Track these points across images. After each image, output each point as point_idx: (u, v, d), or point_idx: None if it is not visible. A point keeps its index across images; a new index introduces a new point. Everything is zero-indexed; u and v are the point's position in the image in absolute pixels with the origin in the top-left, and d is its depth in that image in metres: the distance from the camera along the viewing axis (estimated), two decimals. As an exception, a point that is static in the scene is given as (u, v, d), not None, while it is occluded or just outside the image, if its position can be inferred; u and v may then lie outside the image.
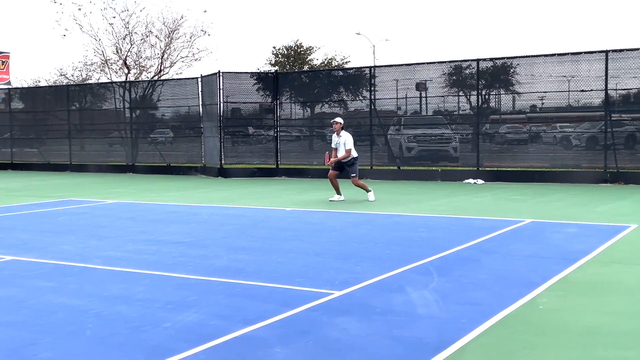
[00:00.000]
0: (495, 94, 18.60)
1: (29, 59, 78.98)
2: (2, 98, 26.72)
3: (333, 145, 12.84)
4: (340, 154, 12.63)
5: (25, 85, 36.73)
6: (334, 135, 12.83)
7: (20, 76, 61.71)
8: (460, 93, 18.71)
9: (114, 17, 29.04)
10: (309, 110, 21.05)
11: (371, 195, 12.77)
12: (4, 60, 32.03)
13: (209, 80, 20.61)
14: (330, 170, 12.81)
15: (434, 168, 18.20)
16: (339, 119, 12.90)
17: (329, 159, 12.89)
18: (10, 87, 30.37)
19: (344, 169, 12.77)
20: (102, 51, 29.90)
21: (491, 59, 17.78)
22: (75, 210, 12.02)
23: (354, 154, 12.73)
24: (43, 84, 36.47)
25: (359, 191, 13.40)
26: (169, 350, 4.28)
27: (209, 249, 7.90)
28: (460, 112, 19.00)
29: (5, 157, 25.76)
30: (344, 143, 12.57)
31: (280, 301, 5.45)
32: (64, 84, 31.99)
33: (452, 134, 18.79)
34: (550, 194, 13.96)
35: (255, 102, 21.12)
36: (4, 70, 31.84)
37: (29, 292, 5.88)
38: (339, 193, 12.80)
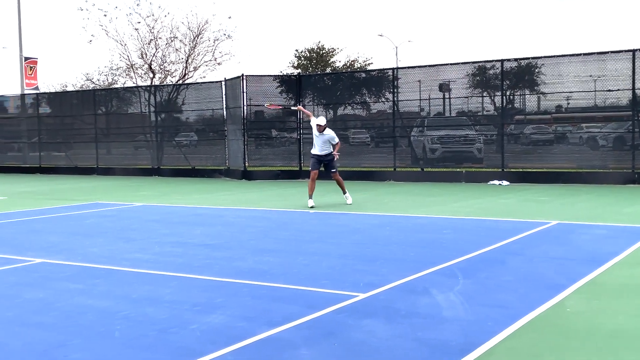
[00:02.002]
0: (520, 95, 18.45)
1: (57, 65, 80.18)
2: (30, 103, 27.15)
3: (317, 144, 12.68)
4: (323, 151, 12.64)
5: (53, 90, 37.29)
6: (317, 132, 12.63)
7: (48, 81, 62.69)
8: (485, 94, 18.59)
9: (139, 22, 29.32)
10: (331, 112, 21.07)
11: (349, 198, 12.74)
12: (32, 65, 32.53)
13: (233, 84, 20.74)
14: (314, 171, 12.65)
15: (458, 169, 18.10)
16: (322, 121, 12.67)
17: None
18: (38, 92, 30.85)
19: (321, 163, 12.72)
20: (128, 56, 30.24)
21: (516, 59, 17.63)
22: (103, 213, 12.18)
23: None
24: (70, 88, 37.03)
25: (383, 194, 13.37)
26: (195, 352, 4.32)
27: (234, 251, 7.95)
28: (485, 112, 18.88)
29: (33, 161, 26.16)
30: (330, 139, 12.60)
31: (305, 303, 5.47)
32: (91, 88, 32.41)
33: (476, 135, 18.67)
34: (577, 195, 13.81)
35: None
36: (32, 75, 32.33)
37: (59, 294, 5.98)
38: (311, 197, 12.53)
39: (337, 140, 12.80)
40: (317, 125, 12.70)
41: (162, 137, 23.28)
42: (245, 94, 20.04)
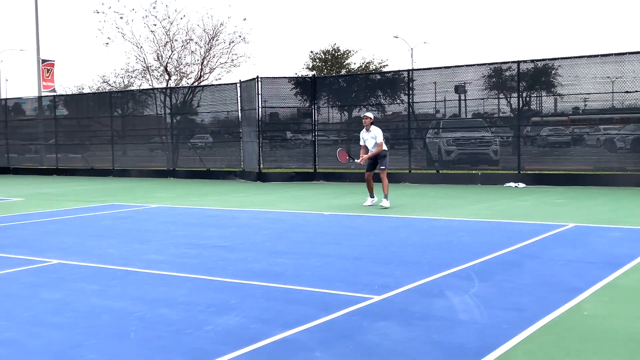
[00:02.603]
0: (537, 96, 18.32)
1: (73, 67, 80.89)
2: (47, 105, 27.39)
3: (362, 143, 12.50)
4: (371, 149, 12.40)
5: (70, 93, 37.60)
6: (363, 131, 12.47)
7: (65, 83, 63.27)
8: (501, 95, 18.48)
9: (155, 25, 29.51)
10: (346, 114, 21.06)
11: (385, 202, 12.19)
12: (49, 68, 32.81)
13: (248, 86, 20.78)
14: (367, 172, 12.57)
15: (473, 171, 18.01)
16: (369, 114, 12.62)
17: (361, 156, 12.52)
18: (55, 94, 31.10)
19: (376, 165, 12.47)
20: (144, 58, 30.42)
21: (532, 61, 17.52)
22: (119, 215, 12.24)
23: (385, 147, 12.48)
24: (86, 90, 37.30)
25: (398, 196, 13.30)
26: (210, 353, 4.33)
27: (248, 252, 7.96)
28: (501, 114, 18.77)
29: (50, 163, 26.38)
30: (374, 137, 12.30)
31: (319, 305, 5.46)
32: (107, 90, 32.64)
33: (492, 136, 18.56)
34: (594, 197, 13.68)
35: (293, 107, 21.22)
36: (49, 78, 32.61)
37: (74, 294, 6.01)
38: (372, 196, 12.66)
39: (380, 140, 12.26)
40: (364, 117, 12.43)
41: (177, 139, 23.39)
42: (260, 95, 20.07)
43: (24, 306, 5.63)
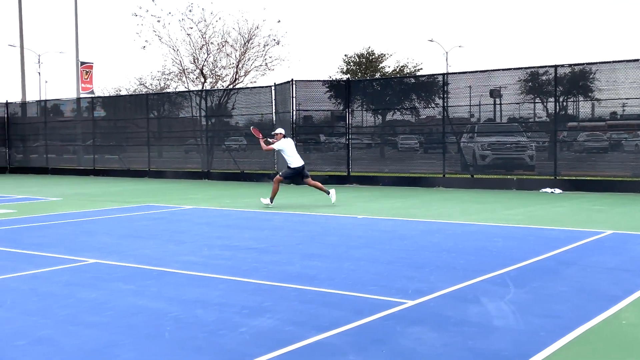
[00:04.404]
0: (574, 101, 18.04)
1: (111, 69, 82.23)
2: (85, 106, 27.88)
3: (273, 147, 13.85)
4: (290, 160, 13.54)
5: (107, 94, 38.23)
6: (288, 146, 13.64)
7: (103, 85, 64.29)
8: (537, 100, 18.24)
9: (191, 28, 29.78)
10: (380, 117, 21.00)
11: (333, 195, 13.53)
12: (87, 70, 33.41)
13: (282, 89, 20.87)
14: (279, 175, 13.81)
15: (509, 176, 17.80)
16: (281, 130, 14.01)
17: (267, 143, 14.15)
18: (93, 95, 31.65)
19: (301, 175, 13.70)
20: (180, 61, 30.74)
21: (570, 65, 17.26)
22: (154, 216, 12.40)
23: (298, 163, 13.56)
24: (124, 92, 37.87)
25: (432, 201, 13.22)
26: (244, 355, 4.35)
27: (282, 255, 7.99)
28: (536, 119, 18.52)
29: (87, 164, 26.83)
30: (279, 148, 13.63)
31: (353, 309, 5.45)
32: (143, 92, 33.09)
33: (527, 141, 18.33)
34: (633, 204, 13.40)
35: (327, 110, 21.24)
36: (88, 79, 33.21)
37: (111, 294, 6.10)
38: (271, 200, 13.53)
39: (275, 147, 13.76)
40: (276, 134, 13.72)
41: (212, 141, 23.59)
42: (294, 98, 20.14)
43: (61, 304, 5.74)
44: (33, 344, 4.66)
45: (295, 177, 13.76)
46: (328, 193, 13.71)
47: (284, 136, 13.80)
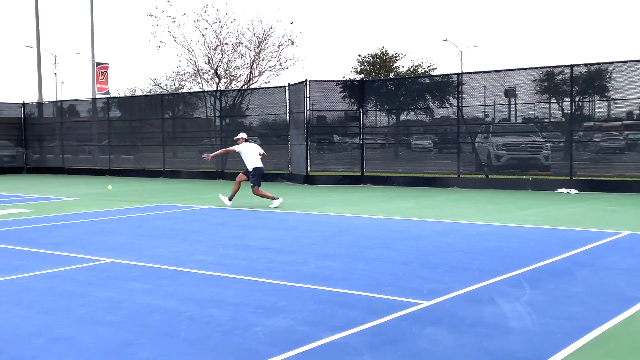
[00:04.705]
0: (590, 101, 17.91)
1: (126, 70, 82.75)
2: (101, 107, 28.07)
3: (233, 148, 14.30)
4: (247, 162, 13.91)
5: (122, 95, 38.46)
6: (249, 150, 13.97)
7: (118, 86, 64.73)
8: (552, 99, 18.13)
9: (206, 29, 29.91)
10: (394, 117, 20.96)
11: (276, 202, 13.59)
12: (103, 71, 33.64)
13: (296, 89, 20.90)
14: (242, 174, 14.23)
15: (524, 177, 17.70)
16: (243, 135, 14.31)
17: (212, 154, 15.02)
18: (108, 96, 31.86)
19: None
20: (195, 61, 30.89)
21: (586, 65, 17.14)
22: (169, 215, 12.46)
23: (255, 165, 13.81)
24: (139, 93, 38.08)
25: (446, 201, 13.18)
26: (259, 355, 4.36)
27: (296, 255, 8.00)
28: (552, 119, 18.40)
29: (103, 164, 27.00)
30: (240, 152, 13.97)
31: (367, 309, 5.45)
32: (158, 93, 33.27)
33: (543, 141, 18.22)
34: (650, 205, 13.28)
35: (341, 110, 21.24)
36: (104, 80, 33.43)
37: (126, 293, 6.14)
38: (230, 198, 14.02)
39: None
40: (243, 138, 14.09)
41: (226, 141, 23.64)
42: (308, 99, 20.16)
43: (79, 303, 5.78)
44: (51, 342, 4.70)
45: (259, 177, 13.90)
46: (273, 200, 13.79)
47: (246, 140, 14.27)
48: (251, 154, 13.97)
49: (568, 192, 16.22)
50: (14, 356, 4.43)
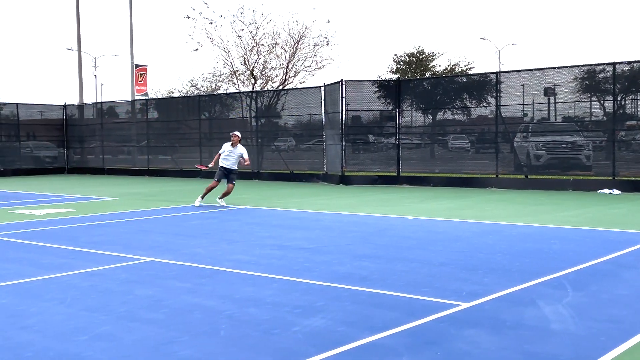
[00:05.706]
0: (633, 99, 17.52)
1: (164, 71, 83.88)
2: (139, 108, 28.49)
3: (221, 152, 14.19)
4: (230, 162, 14.04)
5: (160, 96, 38.97)
6: (229, 145, 14.10)
7: (156, 87, 65.67)
8: (593, 98, 17.77)
9: (242, 30, 30.11)
10: (430, 117, 20.81)
11: (221, 201, 14.03)
12: (142, 72, 34.14)
13: (332, 89, 20.89)
14: (216, 180, 14.20)
15: (564, 177, 17.39)
16: (238, 133, 14.36)
17: (207, 166, 15.22)
18: (147, 97, 32.31)
19: (227, 177, 14.15)
20: (231, 62, 31.12)
21: (629, 62, 16.77)
22: (206, 215, 12.57)
23: (224, 164, 14.11)
24: (176, 94, 38.54)
25: (485, 201, 12.99)
26: (298, 355, 4.36)
27: (333, 255, 7.99)
28: (593, 118, 18.05)
29: (142, 164, 27.39)
30: (240, 154, 14.07)
31: (406, 310, 5.41)
32: (195, 94, 33.62)
33: (584, 141, 17.88)
34: (696, 205, 12.92)
35: (376, 110, 21.17)
36: (142, 82, 33.93)
37: (167, 291, 6.21)
38: (202, 197, 14.20)
39: (247, 156, 14.31)
40: (234, 135, 14.09)
41: (262, 141, 23.79)
42: (343, 99, 20.14)
43: (120, 301, 5.87)
44: (94, 339, 4.78)
45: (222, 176, 14.22)
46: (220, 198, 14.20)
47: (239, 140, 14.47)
48: (229, 153, 14.21)
49: (610, 193, 15.89)
50: (59, 352, 4.51)
